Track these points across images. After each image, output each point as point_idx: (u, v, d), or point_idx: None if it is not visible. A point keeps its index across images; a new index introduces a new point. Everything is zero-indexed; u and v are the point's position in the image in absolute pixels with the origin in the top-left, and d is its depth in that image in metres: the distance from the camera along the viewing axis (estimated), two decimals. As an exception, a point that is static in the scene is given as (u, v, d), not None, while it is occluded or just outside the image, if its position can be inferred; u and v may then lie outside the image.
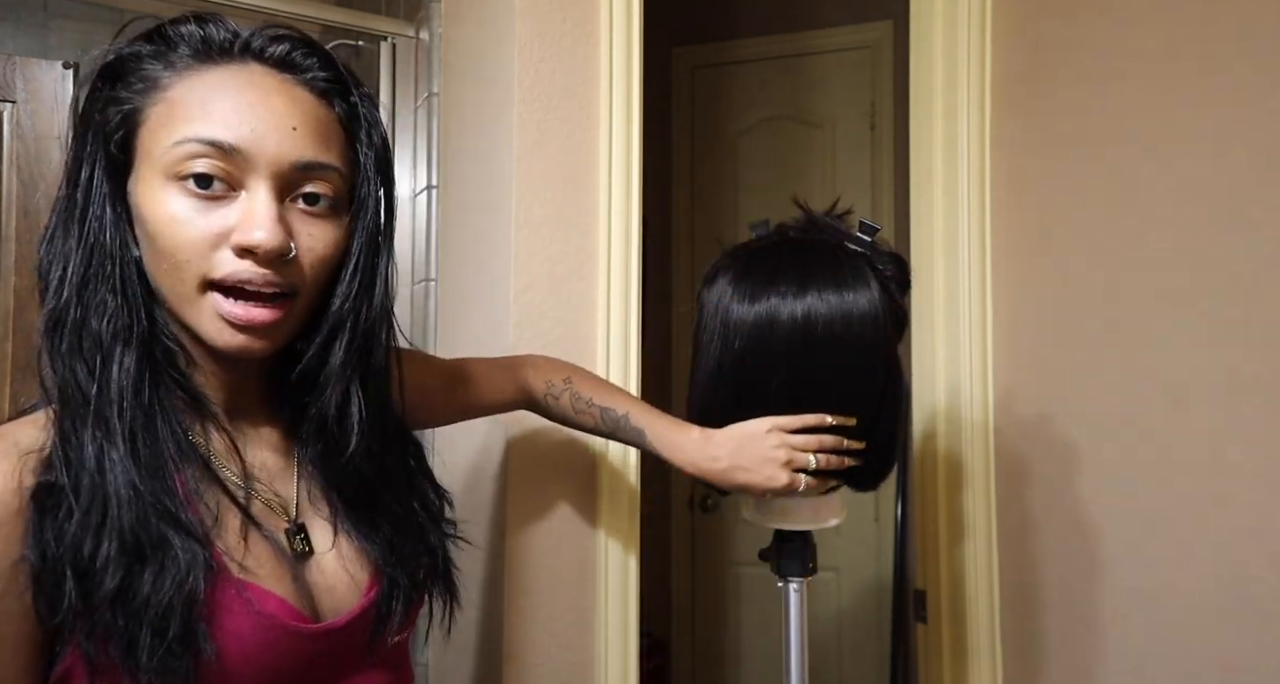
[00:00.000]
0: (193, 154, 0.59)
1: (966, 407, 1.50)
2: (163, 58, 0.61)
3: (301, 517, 0.70)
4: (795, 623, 0.99)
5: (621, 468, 1.24)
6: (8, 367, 1.17)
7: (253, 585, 0.62)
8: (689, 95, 2.71)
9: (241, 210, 0.60)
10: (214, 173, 0.59)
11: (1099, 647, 1.32)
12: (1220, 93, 1.18)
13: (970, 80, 1.52)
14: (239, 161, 0.60)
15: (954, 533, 1.51)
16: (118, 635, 0.56)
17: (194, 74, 0.61)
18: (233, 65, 0.62)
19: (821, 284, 0.89)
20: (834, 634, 2.46)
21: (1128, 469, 1.28)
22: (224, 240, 0.60)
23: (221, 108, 0.60)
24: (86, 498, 0.57)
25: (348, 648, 0.68)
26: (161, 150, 0.59)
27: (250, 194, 0.60)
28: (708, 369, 0.93)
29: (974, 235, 1.51)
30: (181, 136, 0.59)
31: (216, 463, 0.65)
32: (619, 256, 1.26)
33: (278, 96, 0.62)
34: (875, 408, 0.91)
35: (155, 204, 0.60)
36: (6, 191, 1.18)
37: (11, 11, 1.69)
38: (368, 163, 0.67)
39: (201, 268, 0.60)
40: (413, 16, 1.54)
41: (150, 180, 0.60)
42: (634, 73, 1.28)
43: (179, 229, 0.59)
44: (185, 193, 0.59)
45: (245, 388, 0.69)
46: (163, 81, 0.61)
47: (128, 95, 0.61)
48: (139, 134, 0.61)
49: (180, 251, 0.59)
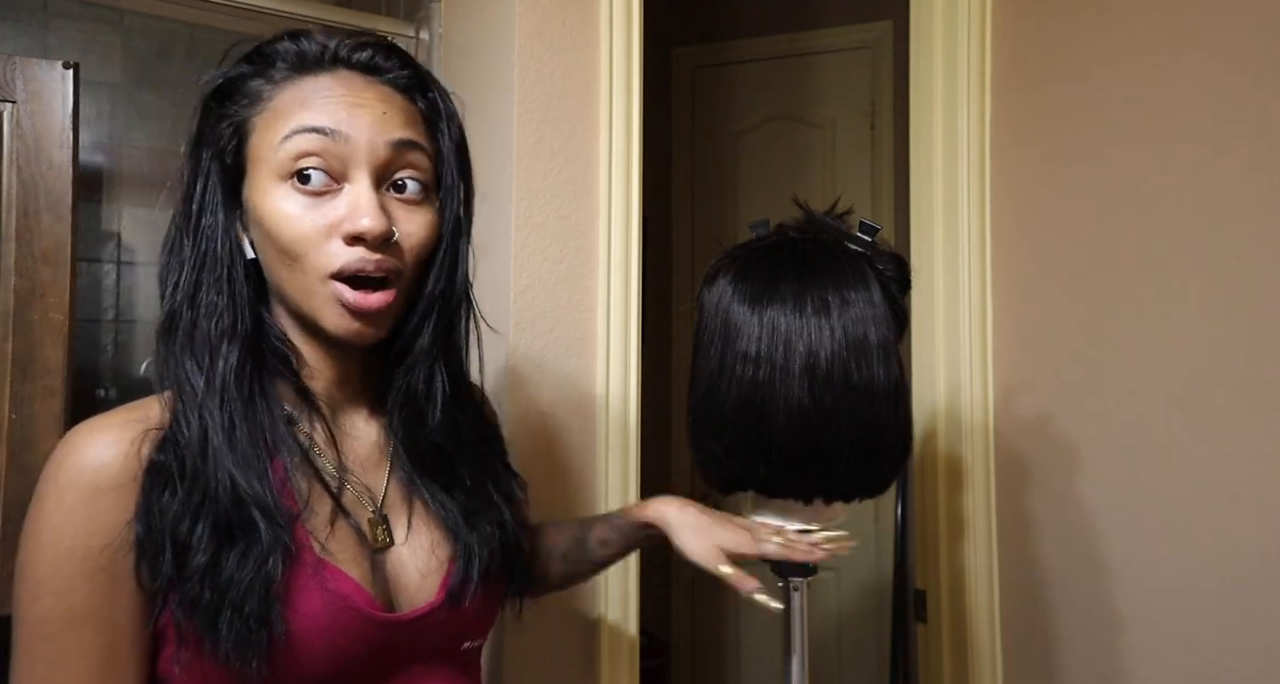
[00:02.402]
0: (300, 148, 0.64)
1: (966, 407, 1.50)
2: (263, 74, 0.68)
3: (386, 509, 0.73)
4: (795, 623, 0.99)
5: (622, 468, 1.24)
6: (8, 366, 1.17)
7: (331, 566, 0.65)
8: (689, 95, 2.71)
9: (347, 202, 0.65)
10: (318, 166, 0.64)
11: (1099, 646, 1.32)
12: (1222, 93, 1.18)
13: (970, 80, 1.52)
14: (341, 147, 0.65)
15: (954, 533, 1.51)
16: (203, 608, 0.60)
17: (292, 84, 0.67)
18: (325, 73, 0.68)
19: (822, 285, 0.89)
20: (834, 634, 2.46)
21: (1128, 469, 1.28)
22: (335, 231, 0.65)
23: (319, 102, 0.66)
24: (189, 480, 0.62)
25: (417, 644, 0.70)
26: (270, 150, 0.65)
27: (353, 185, 0.66)
28: (708, 370, 0.93)
29: (974, 235, 1.51)
30: (287, 130, 0.65)
31: (315, 452, 0.70)
32: (619, 256, 1.26)
33: (367, 91, 0.68)
34: (880, 413, 0.91)
35: (270, 203, 0.65)
36: (6, 191, 1.18)
37: (11, 11, 1.69)
38: (448, 151, 0.73)
39: (319, 260, 0.65)
40: (413, 16, 1.54)
41: (262, 182, 0.66)
42: (634, 73, 1.28)
43: (293, 224, 0.64)
44: (295, 190, 0.65)
45: (347, 382, 0.74)
46: (265, 94, 0.67)
47: (236, 110, 0.67)
48: (249, 142, 0.67)
49: (298, 245, 0.65)
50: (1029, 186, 1.46)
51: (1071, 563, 1.36)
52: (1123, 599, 1.28)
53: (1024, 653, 1.45)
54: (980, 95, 1.52)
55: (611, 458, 1.24)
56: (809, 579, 1.01)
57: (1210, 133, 1.19)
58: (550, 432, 1.20)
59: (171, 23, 1.72)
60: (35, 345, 1.19)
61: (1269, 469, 1.11)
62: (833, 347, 0.87)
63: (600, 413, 1.25)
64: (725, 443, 0.93)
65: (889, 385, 0.89)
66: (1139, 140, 1.28)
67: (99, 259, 1.74)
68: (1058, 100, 1.41)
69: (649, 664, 2.31)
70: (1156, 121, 1.26)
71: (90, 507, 0.60)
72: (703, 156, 2.69)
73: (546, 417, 1.21)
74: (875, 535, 2.42)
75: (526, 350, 1.19)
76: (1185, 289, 1.21)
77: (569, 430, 1.23)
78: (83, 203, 1.35)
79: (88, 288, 1.70)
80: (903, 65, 1.69)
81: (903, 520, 2.21)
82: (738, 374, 0.90)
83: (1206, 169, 1.19)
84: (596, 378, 1.25)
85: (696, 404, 0.96)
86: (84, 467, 0.61)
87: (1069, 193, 1.39)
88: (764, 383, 0.88)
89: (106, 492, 0.61)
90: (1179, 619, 1.20)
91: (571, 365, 1.24)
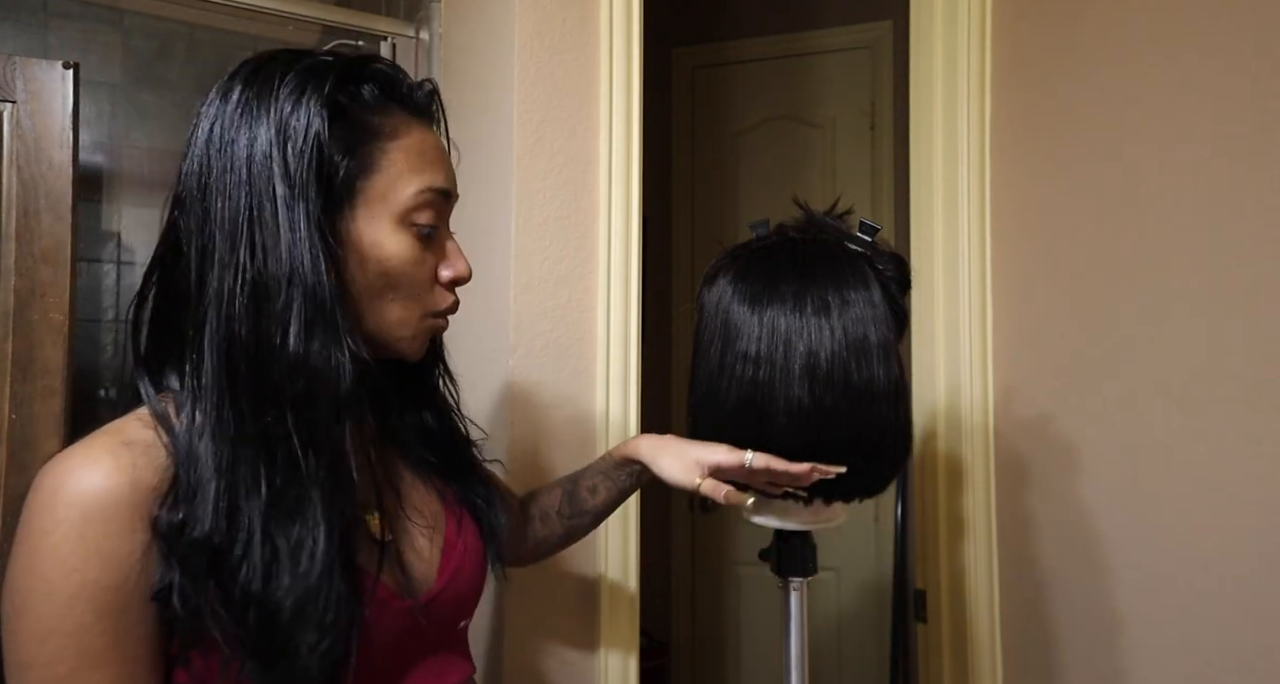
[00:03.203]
0: (429, 203, 0.69)
1: (966, 407, 1.50)
2: (382, 110, 0.68)
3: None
4: (795, 623, 0.99)
5: (621, 468, 1.24)
6: (8, 366, 1.17)
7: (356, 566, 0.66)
8: (689, 95, 2.71)
9: (448, 249, 0.73)
10: (436, 223, 0.70)
11: (1099, 646, 1.32)
12: (1223, 92, 1.18)
13: (970, 80, 1.52)
14: (449, 206, 0.72)
15: (954, 533, 1.51)
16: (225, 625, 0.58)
17: (416, 127, 0.70)
18: (427, 122, 0.73)
19: (822, 285, 0.89)
20: (834, 634, 2.46)
21: (1128, 469, 1.28)
22: (435, 274, 0.72)
23: (435, 157, 0.71)
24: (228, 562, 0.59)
25: (429, 628, 0.72)
26: (400, 195, 0.67)
27: (441, 232, 0.72)
28: (708, 370, 0.93)
29: (974, 235, 1.51)
30: (425, 185, 0.68)
31: None
32: (619, 256, 1.26)
33: (442, 144, 0.74)
34: (880, 413, 0.91)
35: (391, 243, 0.67)
36: (6, 191, 1.18)
37: (11, 11, 1.69)
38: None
39: (427, 301, 0.71)
40: (413, 16, 1.54)
41: (380, 220, 0.67)
42: (634, 73, 1.28)
43: (415, 269, 0.69)
44: (416, 237, 0.69)
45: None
46: (391, 130, 0.68)
47: (359, 136, 0.66)
48: (371, 178, 0.67)
49: (414, 286, 0.69)
50: (1029, 186, 1.46)
51: (1071, 563, 1.36)
52: (1123, 599, 1.28)
53: (1024, 653, 1.45)
54: (980, 95, 1.52)
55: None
56: (809, 579, 1.01)
57: (1210, 132, 1.19)
58: (550, 432, 1.20)
59: (171, 23, 1.72)
60: (35, 345, 1.19)
61: (1269, 469, 1.11)
62: (833, 347, 0.87)
63: (600, 413, 1.25)
64: (725, 442, 0.93)
65: (889, 385, 0.89)
66: (1139, 140, 1.28)
67: (99, 259, 1.74)
68: (1058, 100, 1.41)
69: (649, 664, 2.31)
70: (1156, 121, 1.26)
71: (100, 539, 0.57)
72: (703, 156, 2.69)
73: (546, 416, 1.21)
74: (875, 535, 2.42)
75: (526, 350, 1.19)
76: (1185, 289, 1.21)
77: (569, 430, 1.23)
78: (83, 203, 1.35)
79: (88, 288, 1.70)
80: (903, 65, 1.69)
81: (903, 520, 2.21)
82: (738, 374, 0.90)
83: (1206, 169, 1.19)
84: (596, 378, 1.25)
85: (696, 404, 0.96)
86: (84, 496, 0.57)
87: (1069, 193, 1.39)
88: (764, 383, 0.88)
89: (112, 522, 0.57)
90: (1179, 619, 1.20)
91: (571, 365, 1.24)
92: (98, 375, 1.68)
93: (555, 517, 0.99)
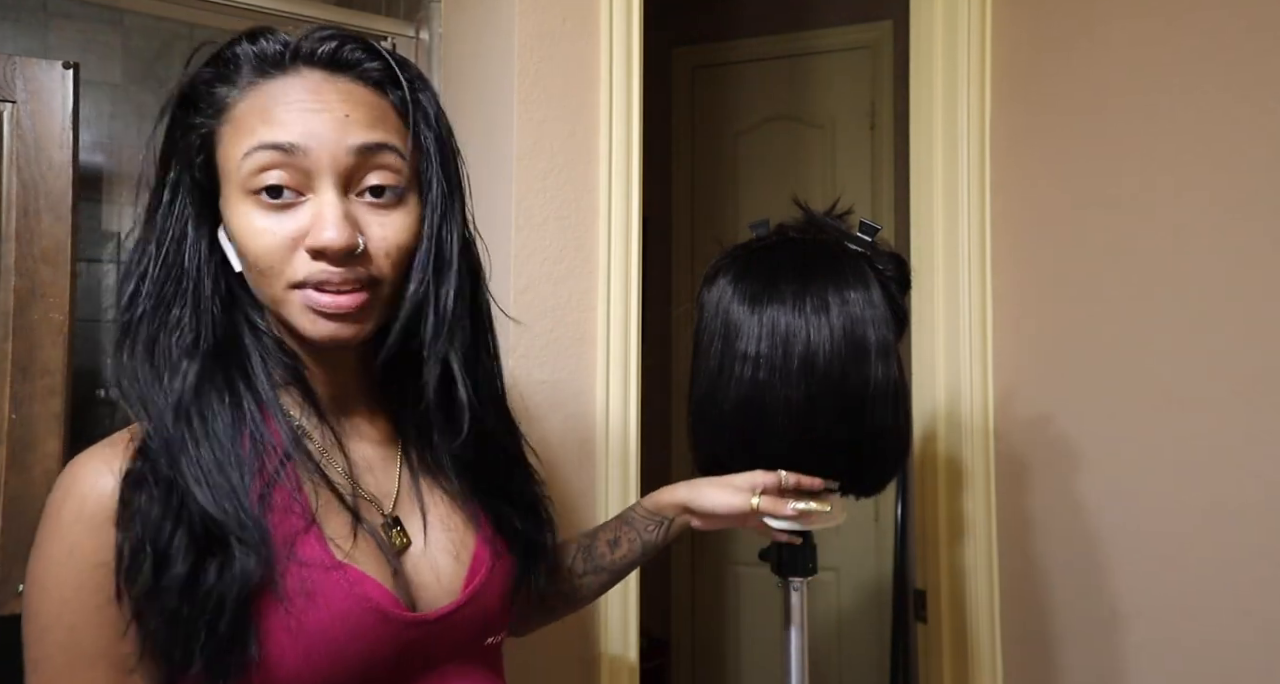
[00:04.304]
0: (260, 164, 0.62)
1: (966, 407, 1.50)
2: (226, 79, 0.65)
3: (398, 511, 0.72)
4: (795, 623, 0.99)
5: (622, 468, 1.24)
6: (8, 366, 1.17)
7: (354, 570, 0.64)
8: (689, 95, 2.71)
9: (311, 213, 0.63)
10: (282, 182, 0.63)
11: (1099, 646, 1.32)
12: (1223, 91, 1.18)
13: (970, 80, 1.52)
14: (302, 160, 0.62)
15: (954, 533, 1.51)
16: (181, 622, 0.58)
17: (254, 89, 0.64)
18: (288, 74, 0.65)
19: (821, 285, 0.89)
20: (834, 634, 2.46)
21: (1128, 469, 1.28)
22: (299, 243, 0.63)
23: (279, 112, 0.63)
24: (164, 492, 0.61)
25: (443, 643, 0.70)
26: (235, 166, 0.63)
27: (317, 196, 0.63)
28: (708, 370, 0.93)
29: (974, 235, 1.51)
30: (248, 147, 0.62)
31: (321, 457, 0.69)
32: (619, 256, 1.26)
33: (330, 92, 0.64)
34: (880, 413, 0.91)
35: (239, 219, 0.64)
36: (6, 191, 1.18)
37: (11, 11, 1.69)
38: (428, 144, 0.69)
39: (284, 273, 0.63)
40: (413, 16, 1.54)
41: (231, 198, 0.64)
42: (634, 73, 1.28)
43: (259, 240, 0.63)
44: (261, 205, 0.63)
45: (348, 385, 0.73)
46: (228, 101, 0.65)
47: (201, 120, 0.65)
48: (216, 155, 0.65)
49: (263, 259, 0.63)
50: (1029, 186, 1.46)
51: (1071, 563, 1.36)
52: (1122, 599, 1.28)
53: (1024, 653, 1.45)
54: (980, 95, 1.52)
55: (611, 458, 1.24)
56: (809, 579, 1.01)
57: (1211, 132, 1.19)
58: (550, 432, 1.20)
59: (171, 23, 1.72)
60: (35, 345, 1.19)
61: (1269, 469, 1.11)
62: (832, 346, 0.87)
63: (600, 413, 1.25)
64: (725, 442, 0.93)
65: (888, 385, 0.89)
66: (1139, 140, 1.28)
67: (99, 259, 1.74)
68: (1058, 100, 1.41)
69: (649, 664, 2.31)
70: (1157, 121, 1.26)
71: (94, 540, 0.59)
72: (703, 156, 2.69)
73: (546, 417, 1.21)
74: (875, 535, 2.41)
75: (526, 350, 1.19)
76: (1185, 289, 1.21)
77: (569, 431, 1.23)
78: (83, 203, 1.35)
79: (88, 288, 1.70)
80: (903, 65, 1.69)
81: (903, 520, 2.21)
82: (738, 374, 0.90)
83: (1206, 168, 1.19)
84: (596, 378, 1.25)
85: (696, 404, 0.96)
86: (84, 497, 0.60)
87: (1069, 193, 1.39)
88: (764, 383, 0.88)
89: (106, 522, 0.60)
90: (1179, 619, 1.20)
91: (571, 365, 1.24)
92: (98, 375, 1.68)
93: (564, 574, 0.92)
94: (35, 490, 1.17)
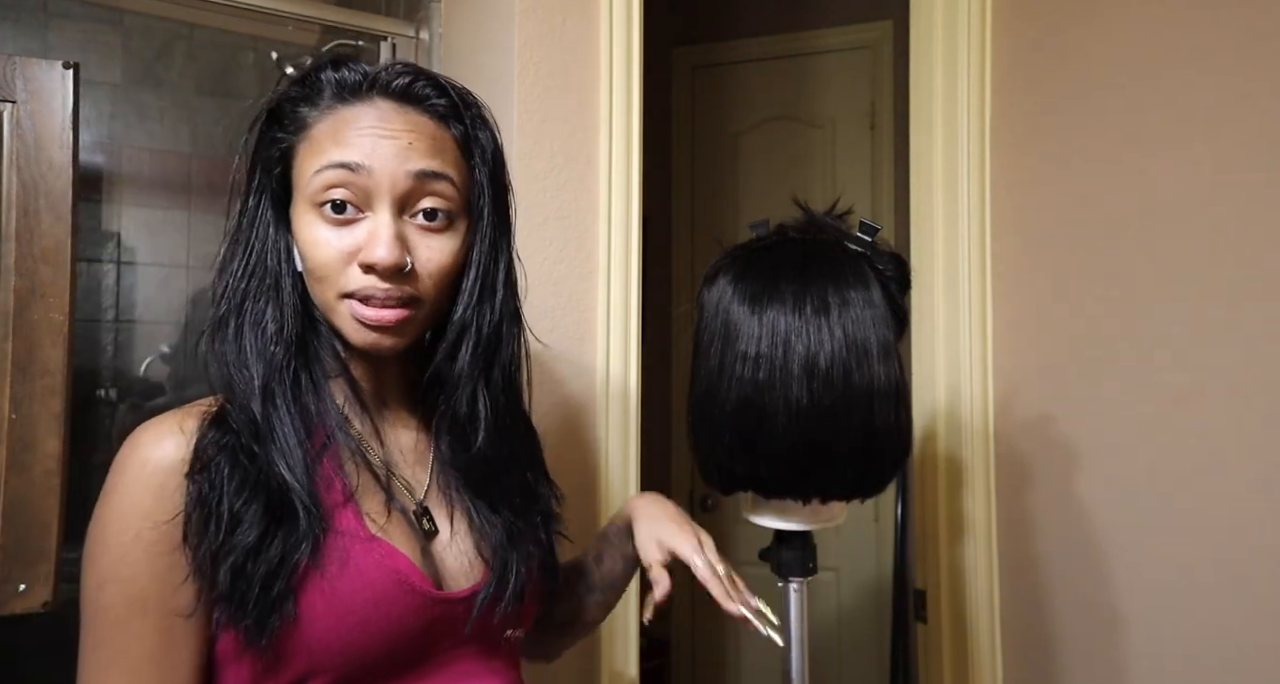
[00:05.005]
0: (329, 181, 0.69)
1: (966, 407, 1.50)
2: (309, 100, 0.72)
3: (428, 500, 0.77)
4: (795, 623, 0.99)
5: (622, 468, 1.24)
6: (8, 366, 1.17)
7: (387, 544, 0.69)
8: (689, 95, 2.70)
9: (368, 230, 0.69)
10: (345, 199, 0.69)
11: (1099, 646, 1.32)
12: (1223, 93, 1.18)
13: (970, 80, 1.52)
14: (365, 180, 0.69)
15: (954, 533, 1.51)
16: (245, 578, 0.64)
17: (332, 112, 0.71)
18: (363, 101, 0.71)
19: (822, 285, 0.89)
20: (834, 634, 2.46)
21: (1128, 469, 1.28)
22: (354, 257, 0.69)
23: (350, 135, 0.70)
24: (245, 460, 0.67)
25: (466, 624, 0.74)
26: (306, 180, 0.70)
27: (375, 215, 0.70)
28: (708, 370, 0.93)
29: (974, 235, 1.51)
30: (320, 165, 0.69)
31: (363, 444, 0.74)
32: (619, 256, 1.26)
33: (398, 121, 0.71)
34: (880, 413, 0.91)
35: (304, 229, 0.71)
36: (6, 191, 1.18)
37: (11, 11, 1.69)
38: (481, 177, 0.76)
39: (338, 282, 0.70)
40: (413, 16, 1.54)
41: (300, 208, 0.71)
42: (634, 73, 1.28)
43: (320, 250, 0.70)
44: (324, 218, 0.70)
45: (389, 383, 0.79)
46: (309, 121, 0.71)
47: (283, 136, 0.72)
48: (293, 168, 0.72)
49: (320, 269, 0.70)
50: (1029, 186, 1.46)
51: (1071, 562, 1.36)
52: (1123, 599, 1.28)
53: (1024, 653, 1.45)
54: (980, 95, 1.52)
55: (612, 459, 1.24)
56: (809, 579, 1.01)
57: (1211, 132, 1.19)
58: (550, 433, 1.20)
59: (171, 23, 1.72)
60: (35, 345, 1.19)
61: (1269, 469, 1.11)
62: (832, 346, 0.87)
63: (600, 413, 1.25)
64: (725, 443, 0.93)
65: (888, 385, 0.89)
66: (1139, 140, 1.28)
67: (99, 259, 1.74)
68: (1058, 100, 1.41)
69: (649, 664, 2.31)
70: (1157, 121, 1.26)
71: (154, 499, 0.65)
72: (703, 156, 2.68)
73: (546, 418, 1.21)
74: (875, 535, 2.42)
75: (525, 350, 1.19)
76: (1185, 289, 1.21)
77: (569, 431, 1.23)
78: (83, 203, 1.35)
79: (88, 288, 1.70)
80: (903, 65, 1.69)
81: (903, 520, 2.21)
82: (738, 374, 0.90)
83: (1207, 168, 1.19)
84: (596, 378, 1.25)
85: (696, 404, 0.96)
86: (145, 460, 0.66)
87: (1069, 193, 1.39)
88: (764, 383, 0.88)
89: (168, 483, 0.65)
90: (1179, 619, 1.20)
91: (571, 365, 1.24)
92: (98, 375, 1.68)
93: (567, 592, 0.94)
94: (35, 490, 1.17)
